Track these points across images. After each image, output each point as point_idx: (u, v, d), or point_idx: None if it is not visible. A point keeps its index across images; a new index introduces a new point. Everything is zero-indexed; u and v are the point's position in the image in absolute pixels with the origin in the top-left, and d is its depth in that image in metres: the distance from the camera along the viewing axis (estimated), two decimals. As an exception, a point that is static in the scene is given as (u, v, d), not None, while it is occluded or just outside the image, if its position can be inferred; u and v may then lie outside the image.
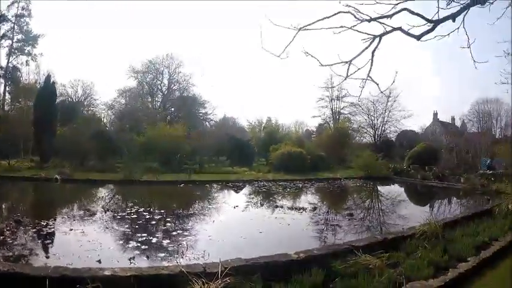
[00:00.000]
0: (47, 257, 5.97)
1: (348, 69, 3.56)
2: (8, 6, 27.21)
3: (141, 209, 10.36)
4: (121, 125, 35.84)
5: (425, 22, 3.53)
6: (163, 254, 6.36)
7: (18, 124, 24.14)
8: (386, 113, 43.80)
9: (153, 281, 4.02)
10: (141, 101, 44.15)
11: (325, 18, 3.38)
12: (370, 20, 3.43)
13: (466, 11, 3.48)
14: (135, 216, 9.51)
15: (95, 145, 23.00)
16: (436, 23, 3.54)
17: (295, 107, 75.99)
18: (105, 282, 3.73)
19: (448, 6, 3.58)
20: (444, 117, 50.21)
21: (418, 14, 3.53)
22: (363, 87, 3.79)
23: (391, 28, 3.49)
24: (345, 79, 3.62)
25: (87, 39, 63.68)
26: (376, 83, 3.73)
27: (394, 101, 42.30)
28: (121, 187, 16.74)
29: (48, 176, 17.11)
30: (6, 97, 28.98)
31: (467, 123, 45.13)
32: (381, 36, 3.51)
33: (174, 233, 8.00)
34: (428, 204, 16.49)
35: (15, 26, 27.17)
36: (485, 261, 5.79)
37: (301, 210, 11.71)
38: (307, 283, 4.41)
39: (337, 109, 44.96)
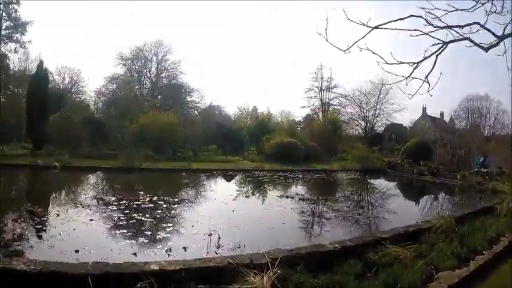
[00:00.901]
0: (76, 251, 5.36)
1: (414, 69, 3.73)
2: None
3: (155, 198, 10.22)
4: (109, 112, 35.37)
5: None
6: (199, 245, 6.16)
7: (9, 112, 23.92)
8: (378, 106, 43.89)
9: (202, 274, 3.90)
10: (130, 88, 43.44)
11: (398, 19, 3.53)
12: (445, 27, 3.59)
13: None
14: (152, 205, 9.37)
15: (86, 132, 22.93)
16: (500, 38, 3.73)
17: (279, 96, 75.47)
18: (156, 277, 3.56)
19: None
20: (432, 112, 50.35)
21: (487, 29, 3.72)
22: (420, 87, 3.97)
23: (461, 37, 3.66)
24: (406, 78, 3.78)
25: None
26: (428, 83, 3.91)
27: (387, 94, 42.40)
28: (123, 175, 16.37)
29: (45, 163, 16.85)
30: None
31: (456, 119, 45.13)
32: (448, 42, 3.68)
33: (199, 222, 7.78)
34: (433, 199, 16.20)
35: (3, 13, 26.28)
36: (498, 255, 6.09)
37: (313, 202, 11.83)
38: (351, 273, 4.55)
39: (327, 100, 44.88)
